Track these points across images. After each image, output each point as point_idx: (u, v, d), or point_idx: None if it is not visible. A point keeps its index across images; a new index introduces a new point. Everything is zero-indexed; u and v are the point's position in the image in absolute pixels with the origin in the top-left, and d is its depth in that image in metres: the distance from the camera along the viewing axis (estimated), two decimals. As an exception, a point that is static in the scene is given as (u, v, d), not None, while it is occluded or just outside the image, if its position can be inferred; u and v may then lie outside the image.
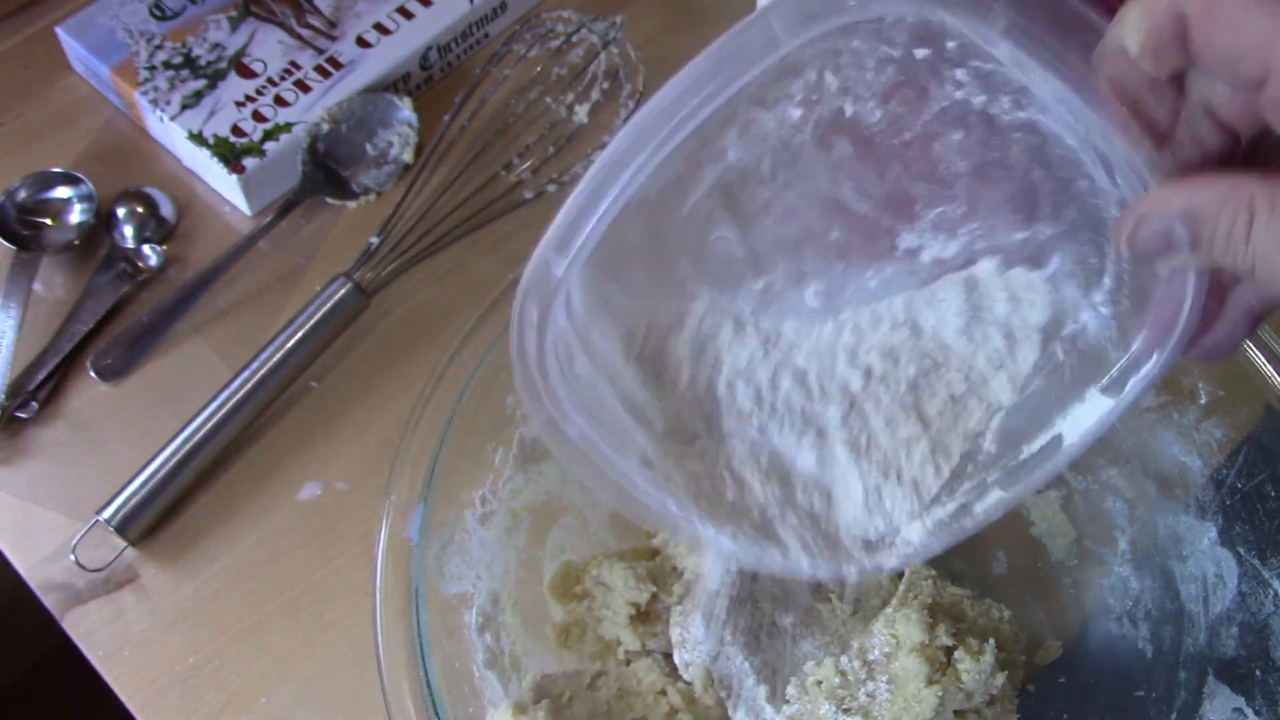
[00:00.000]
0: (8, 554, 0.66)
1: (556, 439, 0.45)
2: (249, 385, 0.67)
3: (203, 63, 0.79)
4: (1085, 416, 0.45)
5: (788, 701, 0.55)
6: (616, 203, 0.40)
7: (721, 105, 0.39)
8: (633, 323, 0.48)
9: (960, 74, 0.41)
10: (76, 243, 0.75)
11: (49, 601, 0.64)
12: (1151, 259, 0.38)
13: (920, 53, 0.41)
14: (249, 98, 0.77)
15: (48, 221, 0.76)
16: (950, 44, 0.40)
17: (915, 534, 0.47)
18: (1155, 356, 0.42)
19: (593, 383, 0.46)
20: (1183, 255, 0.37)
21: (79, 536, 0.64)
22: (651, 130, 0.39)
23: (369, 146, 0.79)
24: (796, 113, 0.43)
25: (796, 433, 0.48)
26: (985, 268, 0.47)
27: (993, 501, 0.47)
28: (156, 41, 0.79)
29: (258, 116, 0.77)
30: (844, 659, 0.55)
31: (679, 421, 0.48)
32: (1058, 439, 0.46)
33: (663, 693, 0.56)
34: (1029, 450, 0.47)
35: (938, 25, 0.39)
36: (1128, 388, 0.44)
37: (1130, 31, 0.35)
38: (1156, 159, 0.37)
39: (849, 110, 0.43)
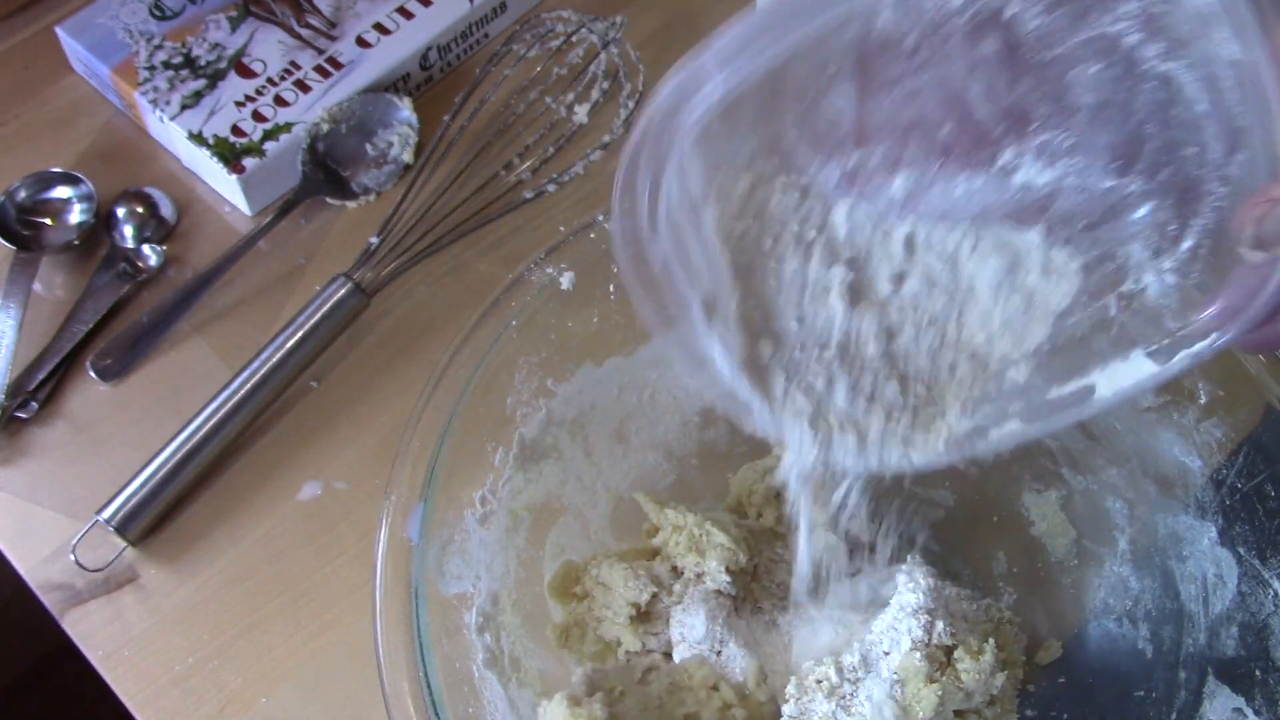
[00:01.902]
0: (8, 554, 0.66)
1: (634, 258, 0.45)
2: (249, 385, 0.67)
3: (203, 63, 0.79)
4: (1124, 375, 0.45)
5: (787, 700, 0.55)
6: (785, 50, 0.39)
7: None
8: (720, 160, 0.47)
9: (1130, 7, 0.41)
10: (76, 243, 0.75)
11: (49, 601, 0.64)
12: (1263, 246, 0.38)
13: None
14: (249, 98, 0.77)
15: (48, 221, 0.76)
16: None
17: (924, 444, 0.48)
18: (1213, 336, 0.42)
19: (679, 213, 0.46)
20: None
21: (79, 536, 0.64)
22: None
23: (369, 146, 0.79)
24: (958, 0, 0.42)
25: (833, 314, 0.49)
26: (1032, 239, 0.47)
27: (1009, 431, 0.47)
28: (156, 41, 0.79)
29: (258, 116, 0.77)
30: (844, 658, 0.55)
31: (740, 270, 0.48)
32: (1090, 389, 0.46)
33: (715, 688, 0.56)
34: (1058, 392, 0.47)
35: None
36: (1175, 359, 0.44)
37: None
38: None
39: (1010, 11, 0.42)
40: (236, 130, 0.76)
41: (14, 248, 0.74)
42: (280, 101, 0.77)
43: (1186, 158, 0.42)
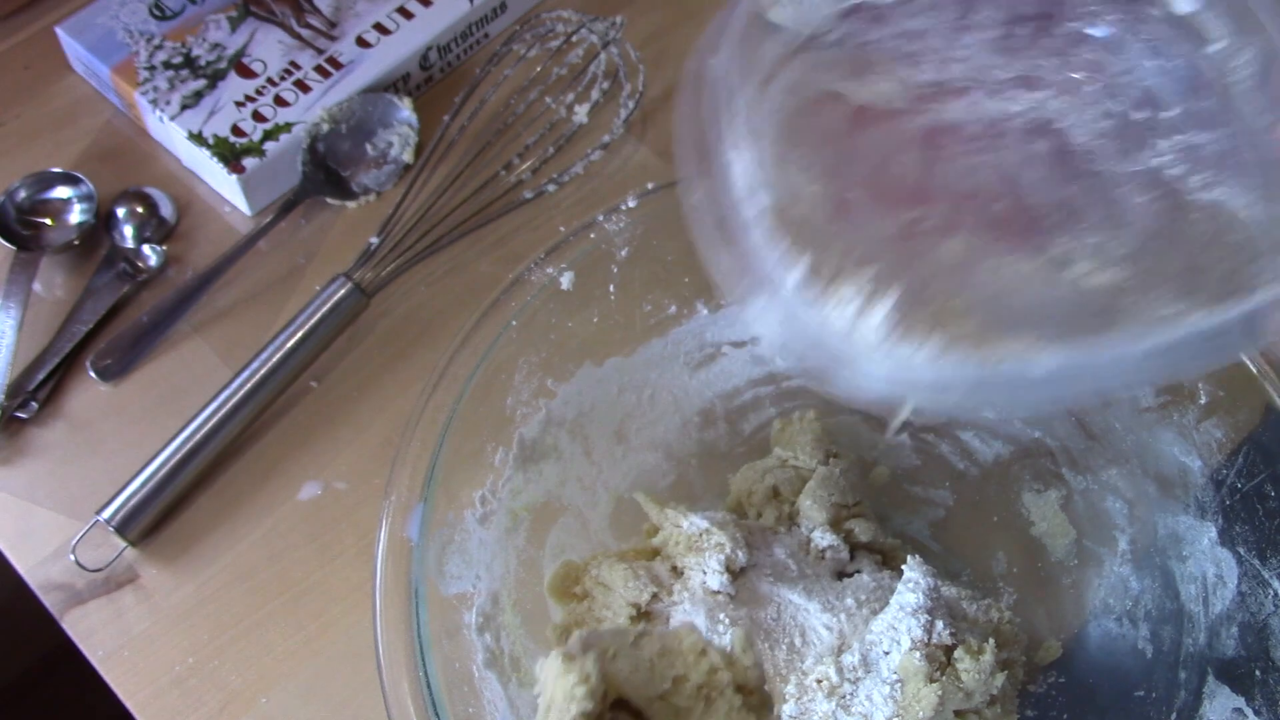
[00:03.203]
0: (8, 554, 0.66)
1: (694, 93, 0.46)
2: (249, 385, 0.67)
3: (203, 63, 0.79)
4: None
5: (786, 700, 0.55)
6: None
7: None
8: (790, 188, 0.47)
9: (1166, 144, 0.42)
10: (76, 243, 0.75)
11: (49, 601, 0.64)
12: None
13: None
14: (249, 98, 0.77)
15: (48, 221, 0.76)
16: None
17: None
18: None
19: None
20: None
21: (79, 536, 0.64)
22: None
23: (369, 146, 0.79)
24: (1017, 108, 0.44)
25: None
26: None
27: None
28: (156, 41, 0.79)
29: (258, 116, 0.77)
30: (844, 658, 0.55)
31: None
32: None
33: (703, 653, 0.57)
34: None
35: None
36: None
37: None
38: None
39: (1060, 124, 0.44)
40: (236, 130, 0.76)
41: (14, 248, 0.74)
42: (280, 101, 0.77)
43: (1251, 274, 0.43)
